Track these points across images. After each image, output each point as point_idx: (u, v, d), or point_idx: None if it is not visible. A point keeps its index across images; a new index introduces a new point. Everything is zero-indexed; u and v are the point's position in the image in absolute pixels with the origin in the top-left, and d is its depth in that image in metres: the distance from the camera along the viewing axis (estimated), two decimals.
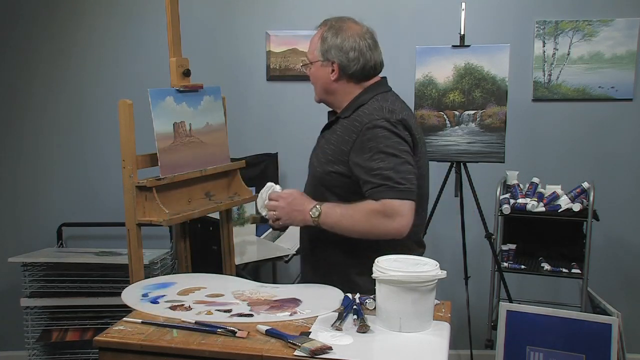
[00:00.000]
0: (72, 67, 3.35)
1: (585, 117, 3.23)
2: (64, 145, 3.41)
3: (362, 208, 1.70)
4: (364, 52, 1.85)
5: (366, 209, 1.69)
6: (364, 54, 1.85)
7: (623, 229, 3.29)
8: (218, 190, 2.36)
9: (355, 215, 1.70)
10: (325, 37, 1.87)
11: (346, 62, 1.84)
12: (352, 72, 1.85)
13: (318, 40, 1.88)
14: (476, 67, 2.78)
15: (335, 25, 1.88)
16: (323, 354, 1.30)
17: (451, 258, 3.22)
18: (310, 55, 1.92)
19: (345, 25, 1.88)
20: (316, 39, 1.90)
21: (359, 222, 1.70)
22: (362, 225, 1.70)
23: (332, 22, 1.90)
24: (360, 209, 1.70)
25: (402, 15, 3.25)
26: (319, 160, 1.86)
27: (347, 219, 1.71)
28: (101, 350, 1.41)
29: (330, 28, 1.88)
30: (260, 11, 3.29)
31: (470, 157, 2.82)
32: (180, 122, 2.23)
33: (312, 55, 1.91)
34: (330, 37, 1.86)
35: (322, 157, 1.85)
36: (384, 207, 1.67)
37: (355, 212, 1.70)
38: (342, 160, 1.79)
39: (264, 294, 1.69)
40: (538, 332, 1.85)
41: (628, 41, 3.12)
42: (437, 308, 1.56)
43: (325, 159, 1.83)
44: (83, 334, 3.02)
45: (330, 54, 1.85)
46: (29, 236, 3.39)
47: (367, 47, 1.86)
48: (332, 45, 1.85)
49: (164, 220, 2.06)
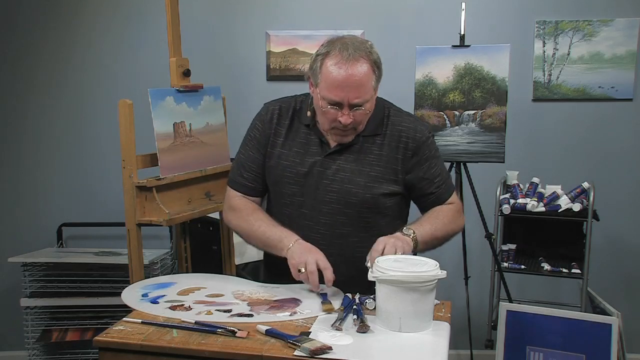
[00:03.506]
0: (72, 67, 3.35)
1: (585, 117, 3.23)
2: (64, 146, 3.41)
3: (445, 213, 1.79)
4: None
5: (448, 212, 1.79)
6: None
7: (623, 229, 3.29)
8: (218, 190, 2.36)
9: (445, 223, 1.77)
10: (375, 64, 1.67)
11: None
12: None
13: (371, 72, 1.65)
14: (476, 67, 2.78)
15: (369, 45, 1.69)
16: (323, 354, 1.29)
17: (451, 258, 3.22)
18: (369, 93, 1.67)
19: (368, 41, 1.72)
20: (367, 72, 1.64)
21: (448, 228, 1.78)
22: (451, 231, 1.80)
23: (366, 46, 1.67)
24: (444, 214, 1.78)
25: (402, 15, 3.25)
26: (362, 185, 1.72)
27: (439, 230, 1.75)
28: (101, 350, 1.41)
29: (370, 53, 1.67)
30: (260, 11, 3.29)
31: (470, 157, 2.82)
32: (180, 122, 2.23)
33: (371, 91, 1.67)
34: (377, 58, 1.68)
35: (368, 182, 1.72)
36: (456, 206, 1.82)
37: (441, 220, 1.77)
38: (395, 180, 1.76)
39: (264, 294, 1.69)
40: (538, 332, 1.85)
41: (628, 41, 3.12)
42: (437, 308, 1.56)
43: (374, 183, 1.73)
44: (83, 334, 3.02)
45: (380, 77, 1.70)
46: (29, 236, 3.39)
47: None
48: (380, 66, 1.69)
49: (164, 220, 2.06)
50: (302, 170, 1.76)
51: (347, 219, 1.74)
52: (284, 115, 1.84)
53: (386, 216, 1.77)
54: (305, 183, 1.76)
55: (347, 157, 1.75)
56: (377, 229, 1.73)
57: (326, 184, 1.74)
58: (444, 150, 2.83)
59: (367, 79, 1.64)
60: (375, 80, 1.68)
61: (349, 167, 1.74)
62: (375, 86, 1.69)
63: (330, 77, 1.64)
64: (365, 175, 1.73)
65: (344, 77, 1.62)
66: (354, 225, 1.75)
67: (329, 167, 1.75)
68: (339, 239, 1.75)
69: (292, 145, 1.80)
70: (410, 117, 1.84)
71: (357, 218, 1.74)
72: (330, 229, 1.75)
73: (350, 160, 1.75)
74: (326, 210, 1.75)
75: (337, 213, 1.74)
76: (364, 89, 1.64)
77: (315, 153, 1.77)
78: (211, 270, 2.07)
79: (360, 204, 1.73)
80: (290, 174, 1.78)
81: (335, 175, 1.74)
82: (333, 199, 1.74)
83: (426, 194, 1.80)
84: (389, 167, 1.74)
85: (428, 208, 1.82)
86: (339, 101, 1.65)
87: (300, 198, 1.77)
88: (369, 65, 1.64)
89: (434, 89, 2.83)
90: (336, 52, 1.64)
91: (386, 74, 1.87)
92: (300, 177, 1.77)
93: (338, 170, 1.74)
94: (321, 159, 1.76)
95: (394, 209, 1.79)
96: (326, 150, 1.77)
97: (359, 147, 1.75)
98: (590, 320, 1.83)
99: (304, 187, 1.76)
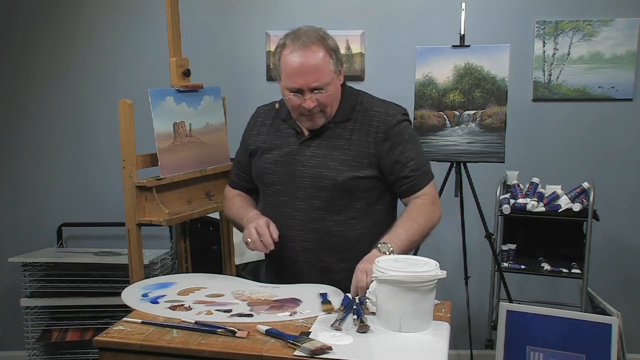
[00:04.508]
0: (72, 67, 3.35)
1: (585, 117, 3.23)
2: (64, 145, 3.41)
3: (417, 211, 1.76)
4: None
5: (420, 209, 1.76)
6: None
7: (623, 229, 3.29)
8: (218, 190, 2.36)
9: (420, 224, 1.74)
10: (334, 48, 1.76)
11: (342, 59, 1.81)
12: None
13: (326, 56, 1.73)
14: (476, 67, 2.78)
15: (322, 32, 1.77)
16: (323, 354, 1.29)
17: (451, 258, 3.22)
18: (326, 77, 1.74)
19: (321, 29, 1.79)
20: (323, 57, 1.72)
21: (425, 227, 1.76)
22: (428, 227, 1.77)
23: (319, 33, 1.76)
24: (416, 213, 1.75)
25: (402, 15, 3.25)
26: (333, 169, 1.77)
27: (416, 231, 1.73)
28: (101, 350, 1.41)
29: (324, 38, 1.75)
30: (260, 11, 3.29)
31: (470, 157, 2.82)
32: (180, 122, 2.23)
33: (329, 75, 1.74)
34: (332, 43, 1.76)
35: (338, 165, 1.77)
36: (429, 197, 1.79)
37: (415, 220, 1.74)
38: (369, 163, 1.78)
39: (264, 294, 1.69)
40: (538, 332, 1.85)
41: (628, 41, 3.12)
42: (437, 308, 1.56)
43: (344, 166, 1.77)
44: (83, 334, 3.02)
45: (340, 60, 1.78)
46: (29, 236, 3.39)
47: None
48: (337, 51, 1.77)
49: (164, 220, 2.06)
50: (280, 160, 1.85)
51: (320, 203, 1.79)
52: (268, 116, 1.96)
53: (360, 199, 1.80)
54: (282, 172, 1.84)
55: (320, 143, 1.82)
56: (352, 212, 1.80)
57: (301, 170, 1.81)
58: (444, 150, 2.83)
59: (323, 63, 1.72)
60: (334, 64, 1.75)
61: (322, 153, 1.80)
62: (334, 69, 1.76)
63: (287, 67, 1.73)
64: (336, 159, 1.78)
65: (299, 64, 1.71)
66: (328, 208, 1.79)
67: (303, 154, 1.82)
68: (314, 223, 1.80)
69: (272, 139, 1.90)
70: (384, 102, 1.87)
71: (331, 201, 1.78)
72: (306, 214, 1.81)
73: (322, 147, 1.81)
74: (301, 196, 1.81)
75: (312, 197, 1.80)
76: (321, 73, 1.72)
77: (291, 143, 1.85)
78: (211, 270, 2.07)
79: (332, 187, 1.77)
80: (269, 164, 1.87)
81: (309, 161, 1.81)
82: (307, 184, 1.80)
83: (400, 177, 1.80)
84: (360, 150, 1.78)
85: (404, 194, 1.83)
86: (299, 87, 1.73)
87: (279, 187, 1.85)
88: (324, 50, 1.73)
89: (434, 89, 2.83)
90: (289, 43, 1.74)
91: (386, 74, 1.88)
92: (277, 166, 1.85)
93: (312, 156, 1.81)
94: (296, 148, 1.84)
95: (370, 193, 1.81)
96: (300, 139, 1.85)
97: (330, 133, 1.82)
98: (590, 320, 1.83)
99: (281, 176, 1.84)
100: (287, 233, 1.82)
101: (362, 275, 1.58)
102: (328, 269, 1.81)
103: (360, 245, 1.77)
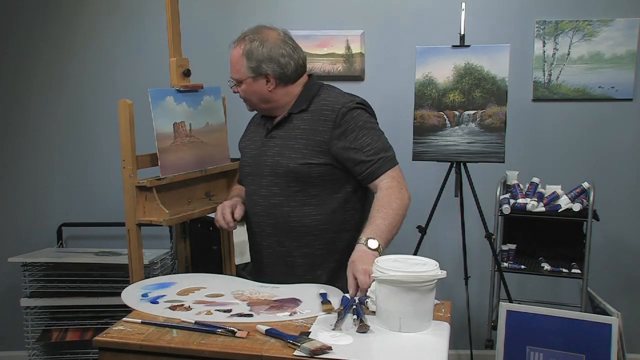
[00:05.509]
0: (72, 67, 3.35)
1: (585, 117, 3.23)
2: (64, 145, 3.41)
3: (388, 197, 1.76)
4: (292, 54, 1.90)
5: (390, 194, 1.76)
6: (292, 56, 1.89)
7: (623, 229, 3.29)
8: (218, 190, 2.36)
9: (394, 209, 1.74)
10: (250, 53, 1.87)
11: (280, 70, 1.88)
12: (288, 76, 1.90)
13: (242, 58, 1.88)
14: (476, 67, 2.78)
15: (255, 38, 1.88)
16: (323, 354, 1.29)
17: (451, 258, 3.22)
18: (238, 75, 1.92)
19: (264, 34, 1.89)
20: (238, 56, 1.89)
21: (400, 210, 1.75)
22: (403, 209, 1.77)
23: (250, 36, 1.89)
24: (388, 199, 1.76)
25: (402, 15, 3.25)
26: (287, 156, 1.86)
27: (393, 218, 1.73)
28: (101, 350, 1.41)
29: (252, 42, 1.87)
30: (260, 11, 3.28)
31: (470, 157, 2.82)
32: (180, 122, 2.22)
33: (240, 74, 1.91)
34: (256, 51, 1.87)
35: (292, 153, 1.86)
36: (395, 180, 1.80)
37: (389, 206, 1.74)
38: (321, 151, 1.84)
39: (263, 294, 1.69)
40: (538, 332, 1.85)
41: (628, 41, 3.12)
42: (437, 308, 1.56)
43: (297, 154, 1.85)
44: (83, 334, 3.02)
45: (262, 68, 1.87)
46: (29, 236, 3.39)
47: (292, 49, 1.90)
48: (261, 59, 1.86)
49: (164, 220, 2.06)
50: (252, 152, 1.99)
51: (278, 189, 1.89)
52: (258, 114, 2.09)
53: (315, 185, 1.86)
54: (253, 162, 1.98)
55: (280, 134, 1.93)
56: (308, 198, 1.87)
57: (264, 159, 1.93)
58: (444, 150, 2.83)
59: (236, 61, 1.90)
60: (246, 68, 1.88)
61: (281, 143, 1.91)
62: (246, 72, 1.89)
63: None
64: (291, 148, 1.87)
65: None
66: (284, 194, 1.88)
67: (267, 144, 1.94)
68: (273, 208, 1.90)
69: (252, 136, 2.05)
70: (341, 93, 1.94)
71: (286, 187, 1.87)
72: (266, 200, 1.92)
73: (281, 137, 1.92)
74: (264, 183, 1.92)
75: (271, 185, 1.91)
76: (234, 68, 1.92)
77: (262, 135, 1.99)
78: (211, 270, 2.07)
79: (286, 173, 1.86)
80: (245, 157, 2.04)
81: (270, 150, 1.92)
82: (268, 172, 1.91)
83: (358, 163, 1.83)
84: (313, 139, 1.85)
85: (367, 180, 1.84)
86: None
87: (250, 177, 1.99)
88: (241, 52, 1.88)
89: (434, 89, 2.83)
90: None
91: (386, 74, 1.88)
92: (250, 157, 2.00)
93: (273, 146, 1.92)
94: (262, 139, 1.97)
95: (325, 180, 1.86)
96: (267, 131, 1.97)
97: (289, 125, 1.92)
98: (590, 320, 1.83)
99: (252, 167, 1.97)
100: (254, 219, 1.96)
101: (364, 277, 1.58)
102: (289, 254, 1.90)
103: (317, 231, 1.87)
